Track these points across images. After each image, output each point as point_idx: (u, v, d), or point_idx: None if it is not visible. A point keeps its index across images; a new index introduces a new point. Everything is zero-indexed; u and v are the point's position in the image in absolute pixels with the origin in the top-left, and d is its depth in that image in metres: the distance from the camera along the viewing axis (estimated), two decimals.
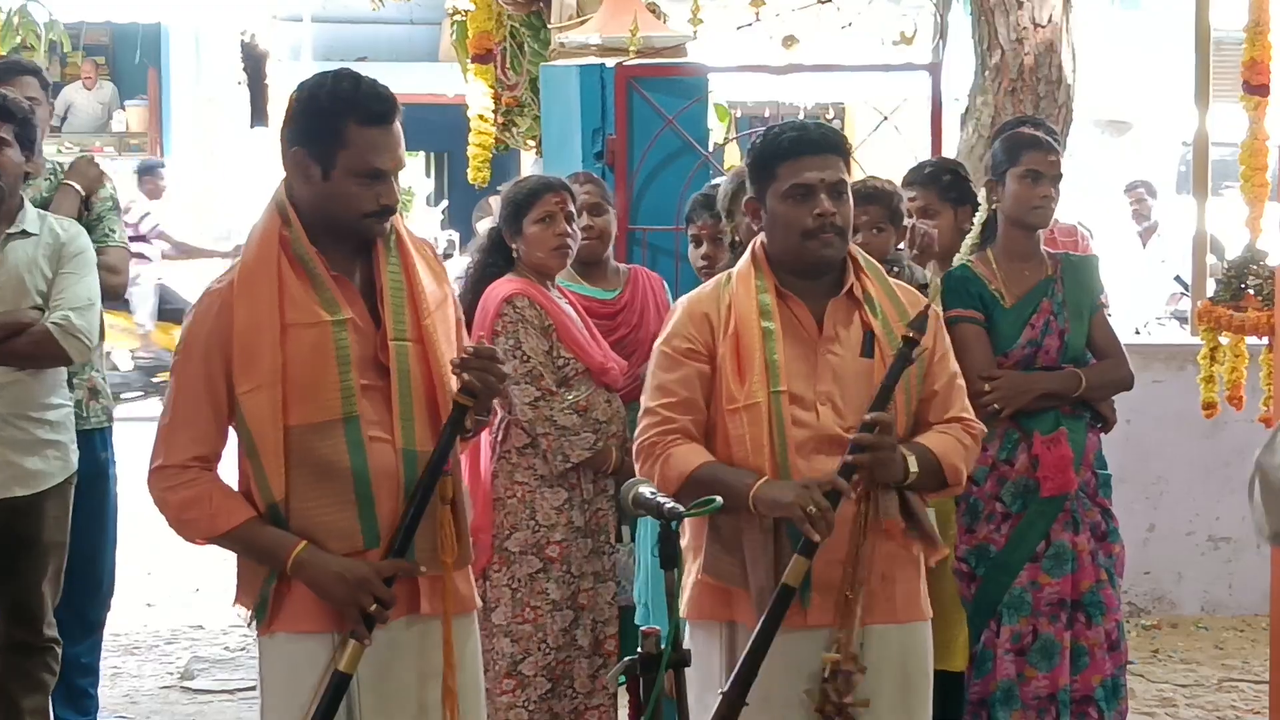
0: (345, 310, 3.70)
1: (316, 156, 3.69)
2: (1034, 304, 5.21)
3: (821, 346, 4.01)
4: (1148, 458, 8.05)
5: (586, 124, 7.19)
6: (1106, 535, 5.29)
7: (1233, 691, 7.13)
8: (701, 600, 4.04)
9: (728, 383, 3.98)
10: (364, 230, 3.74)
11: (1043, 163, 5.21)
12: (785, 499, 3.83)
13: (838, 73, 8.05)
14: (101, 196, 5.94)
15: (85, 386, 5.82)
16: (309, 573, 3.65)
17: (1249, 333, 6.67)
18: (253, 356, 3.65)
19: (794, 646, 3.90)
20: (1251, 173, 7.18)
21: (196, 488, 3.70)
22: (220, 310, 3.70)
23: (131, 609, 7.52)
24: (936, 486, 4.04)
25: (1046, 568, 5.18)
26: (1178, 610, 8.20)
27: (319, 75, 3.78)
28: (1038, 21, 7.99)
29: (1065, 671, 5.16)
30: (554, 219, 5.45)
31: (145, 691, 7.05)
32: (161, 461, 3.72)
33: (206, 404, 3.69)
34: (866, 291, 4.06)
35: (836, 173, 4.00)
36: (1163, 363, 8.11)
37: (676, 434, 3.99)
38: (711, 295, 4.11)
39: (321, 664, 3.69)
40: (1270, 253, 6.65)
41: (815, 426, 3.95)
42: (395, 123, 3.73)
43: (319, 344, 3.67)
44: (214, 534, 3.70)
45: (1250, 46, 7.15)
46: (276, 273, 3.69)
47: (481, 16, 8.47)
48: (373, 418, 3.70)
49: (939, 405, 4.07)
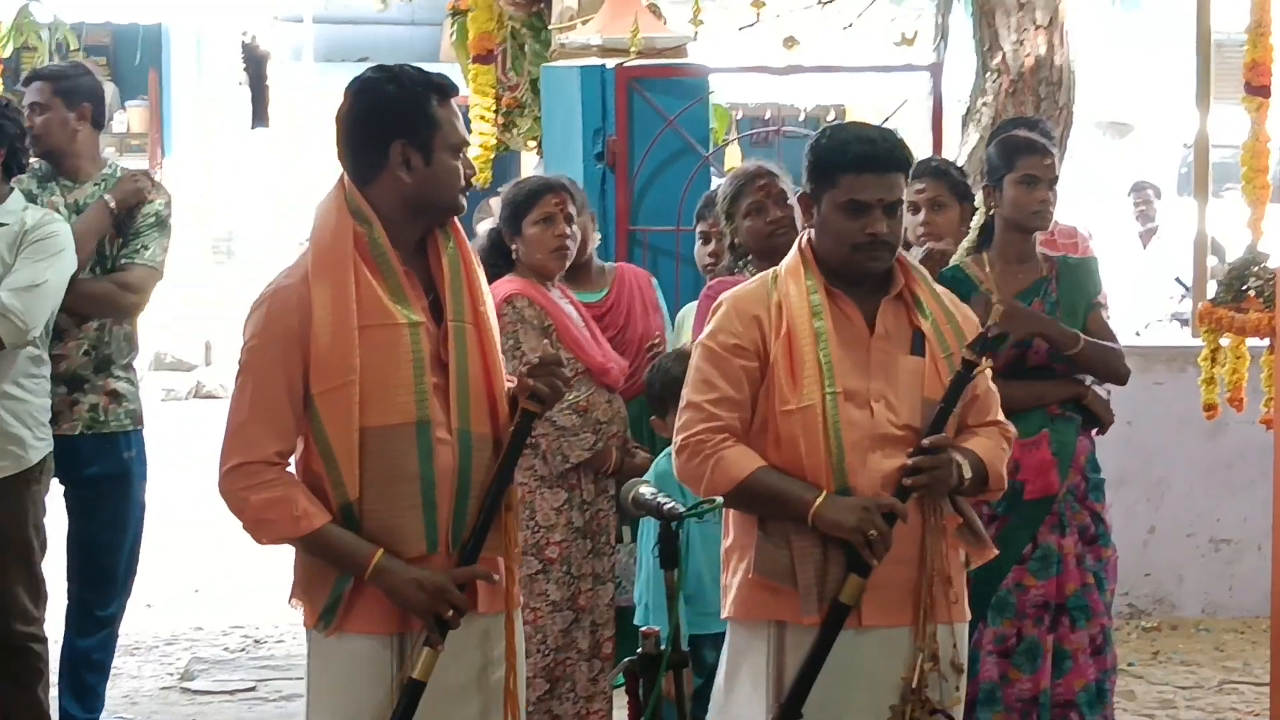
0: (418, 312, 3.71)
1: (417, 144, 3.72)
2: (1026, 304, 5.21)
3: (873, 344, 4.00)
4: (1149, 459, 8.05)
5: (587, 125, 7.19)
6: (1096, 539, 5.28)
7: (1233, 694, 7.13)
8: (750, 599, 4.00)
9: (781, 384, 3.95)
10: (457, 207, 3.80)
11: (1039, 167, 5.21)
12: (847, 522, 3.84)
13: (838, 74, 8.05)
14: (145, 212, 5.86)
15: (104, 390, 5.82)
16: (388, 580, 3.66)
17: (1250, 334, 6.66)
18: (331, 355, 3.65)
19: (847, 647, 3.90)
20: (1253, 174, 7.16)
21: (279, 489, 3.68)
22: (297, 306, 3.69)
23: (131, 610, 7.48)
24: (981, 490, 4.07)
25: (1032, 570, 5.18)
26: (1178, 612, 8.19)
27: (369, 76, 3.81)
28: (1038, 23, 7.99)
29: (1047, 674, 5.16)
30: (553, 220, 5.45)
31: (145, 692, 7.04)
32: (240, 459, 3.70)
33: (285, 400, 3.68)
34: (915, 294, 4.06)
35: (896, 192, 3.98)
36: (1163, 364, 8.11)
37: (725, 433, 3.96)
38: (759, 294, 4.07)
39: (377, 667, 3.71)
40: (1271, 254, 6.64)
41: (869, 425, 3.94)
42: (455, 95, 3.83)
43: (395, 346, 3.68)
44: (294, 536, 3.68)
45: (1252, 48, 7.13)
46: (352, 272, 3.68)
47: (482, 17, 8.47)
48: (439, 418, 3.71)
49: (979, 409, 4.10)
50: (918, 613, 3.94)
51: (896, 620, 3.95)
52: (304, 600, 3.78)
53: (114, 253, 5.83)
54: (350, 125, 3.79)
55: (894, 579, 3.93)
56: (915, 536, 3.95)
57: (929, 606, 3.94)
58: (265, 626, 8.04)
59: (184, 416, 14.95)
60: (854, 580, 3.86)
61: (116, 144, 18.64)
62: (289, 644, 7.73)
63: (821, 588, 3.89)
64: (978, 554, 4.09)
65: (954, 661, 3.98)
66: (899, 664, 3.94)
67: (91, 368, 5.80)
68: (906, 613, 3.95)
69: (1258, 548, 7.73)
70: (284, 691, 7.00)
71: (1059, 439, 5.20)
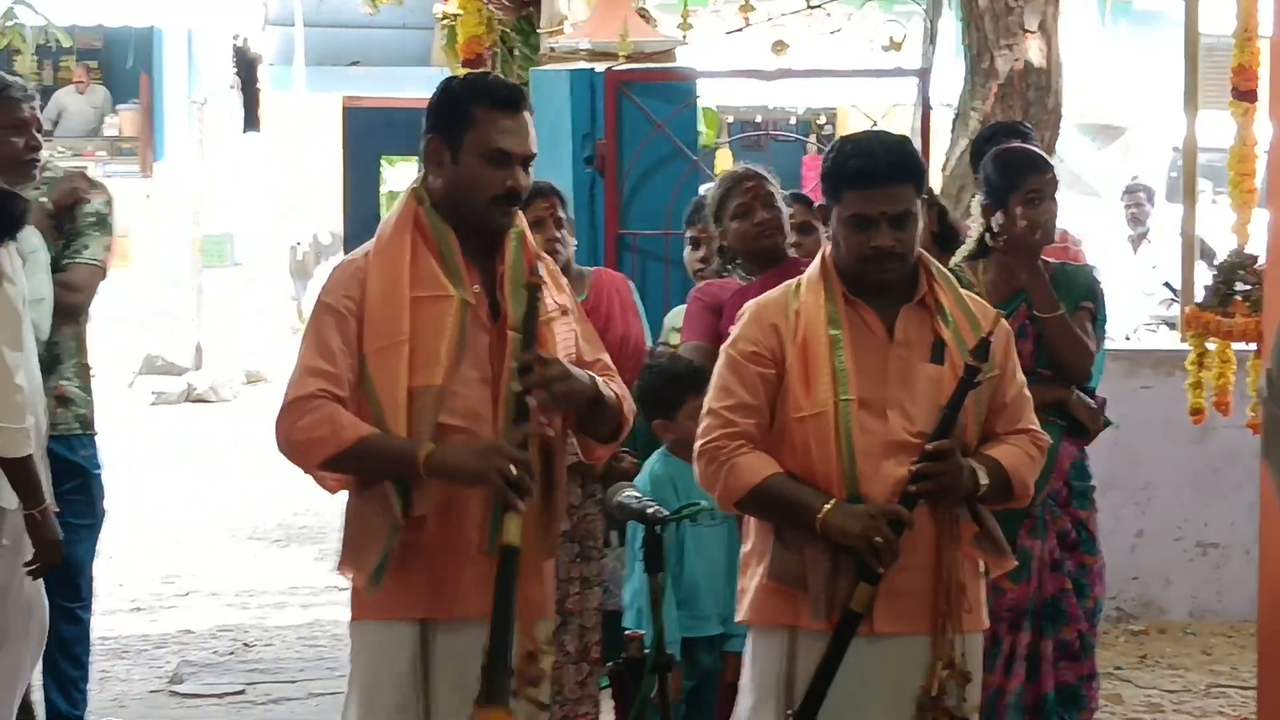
0: (470, 294, 3.84)
1: (447, 141, 3.88)
2: (1010, 309, 5.20)
3: (892, 352, 4.00)
4: (1136, 463, 8.06)
5: (576, 129, 7.19)
6: (1077, 545, 5.28)
7: (1220, 697, 7.14)
8: (765, 604, 4.03)
9: (795, 391, 3.97)
10: (490, 217, 3.88)
11: (1042, 182, 5.20)
12: (853, 530, 3.86)
13: (827, 78, 8.06)
14: (85, 212, 5.90)
15: (53, 394, 5.83)
16: (442, 461, 3.74)
17: (1237, 338, 6.68)
18: (382, 318, 3.81)
19: (861, 655, 3.91)
20: (1240, 178, 7.18)
21: (324, 411, 3.78)
22: (354, 275, 3.87)
23: (120, 613, 7.52)
24: (1004, 499, 4.07)
25: (1008, 573, 5.18)
26: (1166, 616, 8.20)
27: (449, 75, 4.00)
28: (1027, 27, 8.01)
29: (1020, 677, 5.17)
30: (543, 225, 5.44)
31: (134, 696, 7.04)
32: (290, 397, 3.82)
33: (338, 351, 3.81)
34: (938, 300, 4.06)
35: (901, 204, 3.97)
36: (1151, 368, 8.12)
37: (741, 439, 3.98)
38: (780, 302, 4.09)
39: (404, 650, 3.82)
40: (1258, 258, 6.66)
41: (883, 432, 3.95)
42: (524, 112, 3.90)
43: (444, 316, 3.81)
44: (342, 447, 3.75)
45: (1239, 52, 7.15)
46: (409, 246, 3.85)
47: (471, 21, 8.46)
48: (460, 408, 3.81)
49: (1009, 417, 4.09)
50: (934, 621, 3.95)
51: (912, 628, 3.96)
52: (354, 565, 3.85)
53: (56, 253, 5.86)
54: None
55: (908, 587, 3.93)
56: (930, 544, 3.95)
57: (945, 615, 3.94)
58: (254, 630, 8.04)
59: (174, 420, 14.96)
60: (863, 588, 3.86)
61: (108, 148, 18.67)
62: (278, 647, 7.74)
63: (832, 594, 3.90)
64: (996, 564, 4.10)
65: (962, 670, 3.97)
66: (915, 672, 3.95)
67: (41, 369, 5.82)
68: (922, 621, 3.96)
69: (1245, 552, 7.75)
70: (273, 695, 7.00)
71: None
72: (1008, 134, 6.09)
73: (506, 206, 3.89)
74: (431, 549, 3.82)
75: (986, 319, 4.07)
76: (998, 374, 4.03)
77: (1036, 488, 5.14)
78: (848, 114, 15.44)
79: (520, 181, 3.88)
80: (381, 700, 3.85)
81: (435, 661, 3.83)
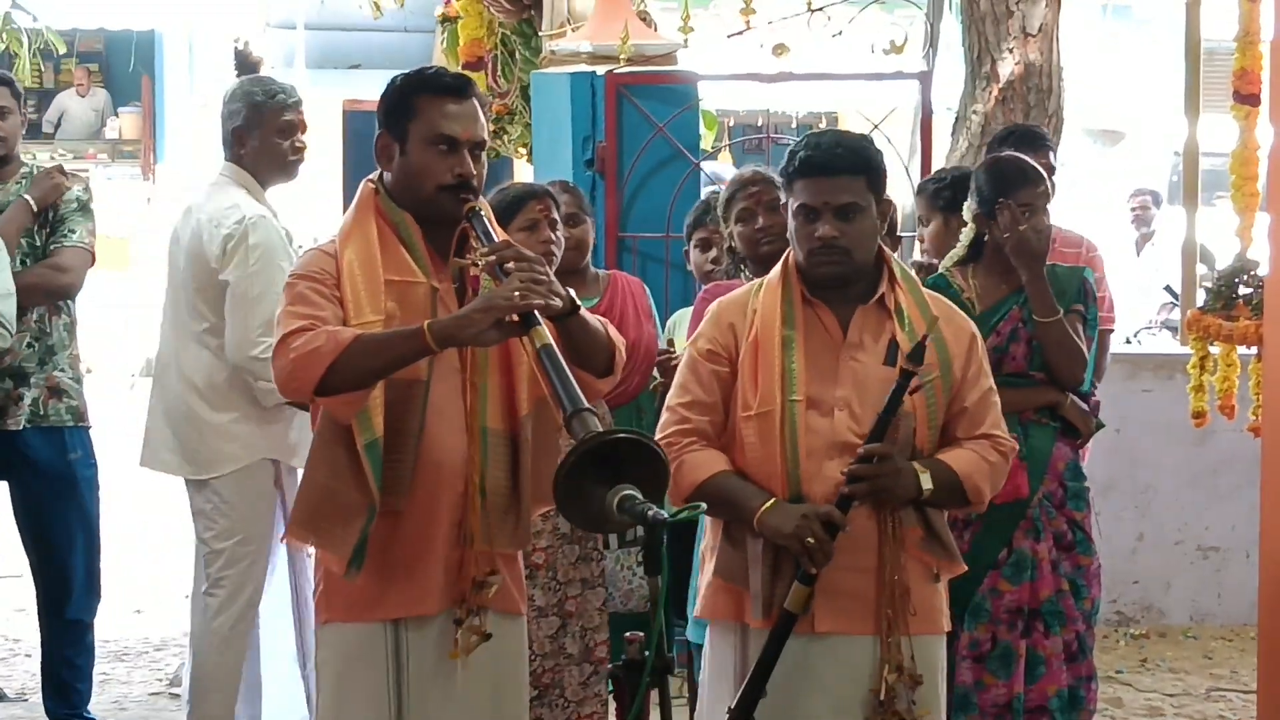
0: (437, 281, 3.80)
1: (395, 134, 3.83)
2: (1003, 312, 5.21)
3: (844, 352, 4.02)
4: (1137, 466, 8.06)
5: (577, 131, 7.20)
6: (1074, 546, 5.27)
7: (1220, 701, 7.13)
8: (715, 600, 4.09)
9: (744, 390, 4.01)
10: (442, 205, 3.81)
11: (1032, 195, 5.19)
12: (786, 529, 3.88)
13: (828, 81, 8.05)
14: (66, 200, 5.99)
15: (44, 385, 5.86)
16: (444, 327, 3.63)
17: (1239, 342, 6.68)
18: (362, 296, 3.73)
19: (801, 653, 3.94)
20: (1242, 182, 7.18)
21: (314, 330, 3.67)
22: (323, 257, 3.81)
23: (120, 616, 7.51)
24: (957, 503, 4.07)
25: (1006, 575, 5.18)
26: (1166, 619, 8.21)
27: None
28: (1028, 30, 8.01)
29: (1021, 680, 5.17)
30: (538, 226, 5.43)
31: (134, 698, 7.04)
32: (279, 336, 3.71)
33: (322, 301, 3.72)
34: (898, 303, 4.06)
35: (846, 195, 3.98)
36: (1152, 372, 8.13)
37: (693, 436, 4.02)
38: (740, 301, 4.14)
39: (375, 653, 3.80)
40: (1260, 262, 6.66)
41: (828, 433, 3.97)
42: (470, 99, 3.85)
43: (417, 303, 3.76)
44: (342, 345, 3.62)
45: (1240, 56, 7.16)
46: (374, 231, 3.80)
47: (473, 24, 8.48)
48: (431, 398, 3.76)
49: (969, 422, 4.09)
50: (878, 622, 3.96)
51: (854, 629, 3.98)
52: (327, 547, 3.78)
53: (44, 244, 5.95)
54: None
55: (850, 588, 3.95)
56: (872, 546, 3.97)
57: (890, 617, 3.95)
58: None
59: None
60: (799, 588, 3.90)
61: (109, 150, 18.67)
62: None
63: (771, 593, 3.94)
64: (946, 567, 4.10)
65: (911, 674, 3.98)
66: (862, 673, 3.98)
67: (35, 359, 5.89)
68: (865, 622, 3.98)
69: (1245, 555, 7.76)
70: None
71: (1031, 444, 5.20)
72: (1023, 138, 6.09)
73: (457, 193, 3.81)
74: (404, 544, 3.80)
75: (954, 329, 4.08)
76: (936, 376, 4.02)
77: (1031, 489, 5.19)
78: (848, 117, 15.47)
79: (468, 167, 3.80)
80: (354, 701, 3.83)
81: (406, 658, 3.82)
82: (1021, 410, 5.18)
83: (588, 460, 3.39)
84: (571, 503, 3.44)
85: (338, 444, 3.75)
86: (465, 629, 3.82)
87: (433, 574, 3.83)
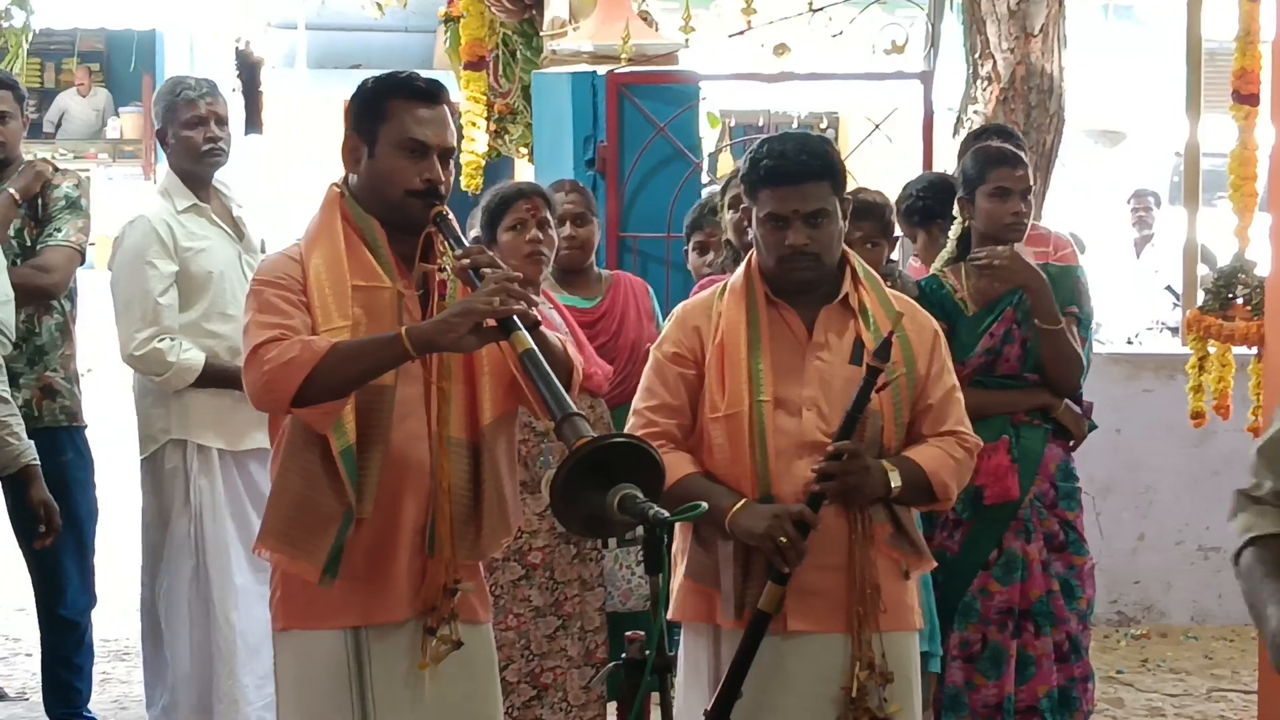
0: (402, 286, 3.75)
1: (365, 137, 3.80)
2: (996, 313, 5.22)
3: (810, 352, 4.04)
4: (1137, 467, 8.07)
5: (578, 131, 7.20)
6: (1066, 546, 5.28)
7: (1221, 701, 7.14)
8: (686, 602, 4.12)
9: (711, 392, 4.03)
10: (409, 211, 3.76)
11: (1010, 178, 5.21)
12: (757, 529, 3.90)
13: (829, 81, 8.05)
14: (55, 197, 5.99)
15: (36, 386, 5.85)
16: (423, 337, 3.60)
17: (1238, 342, 6.69)
18: (330, 302, 3.69)
19: (775, 653, 3.96)
20: (1241, 182, 7.19)
21: (287, 340, 3.63)
22: (288, 262, 3.76)
23: (121, 615, 7.50)
24: (924, 500, 4.08)
25: (996, 575, 5.20)
26: (1167, 619, 8.21)
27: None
28: (1029, 31, 8.01)
29: (1011, 680, 5.18)
30: (525, 226, 5.43)
31: (134, 698, 7.02)
32: (249, 348, 3.66)
33: (289, 309, 3.68)
34: (862, 302, 4.08)
35: (814, 201, 3.99)
36: (1152, 372, 8.13)
37: (661, 439, 4.01)
38: (705, 304, 4.16)
39: (336, 660, 3.76)
40: (1259, 263, 6.66)
41: (797, 433, 3.98)
42: (441, 105, 3.81)
43: (384, 308, 3.72)
44: (319, 355, 3.57)
45: (1240, 56, 7.16)
46: (340, 235, 3.75)
47: (474, 24, 8.48)
48: (406, 406, 3.73)
49: (934, 419, 4.10)
50: (848, 620, 3.97)
51: (825, 627, 4.00)
52: (300, 556, 3.71)
53: (31, 241, 5.96)
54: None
55: (821, 586, 3.97)
56: (842, 544, 3.98)
57: (861, 615, 3.96)
58: None
59: None
60: (772, 588, 3.91)
61: (110, 150, 18.67)
62: None
63: (742, 594, 3.95)
64: (915, 564, 4.11)
65: (882, 671, 3.99)
66: (833, 671, 3.99)
67: (24, 360, 5.86)
68: (837, 620, 3.99)
69: None
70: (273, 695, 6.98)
71: (1023, 445, 5.21)
72: (995, 139, 6.10)
73: (424, 200, 3.76)
74: (367, 551, 3.75)
75: (917, 327, 4.10)
76: (903, 373, 4.04)
77: (1023, 490, 5.20)
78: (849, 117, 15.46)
79: (437, 173, 3.76)
80: (317, 709, 3.79)
81: (370, 666, 3.78)
82: (1014, 412, 5.19)
83: (583, 467, 3.38)
84: (569, 509, 3.43)
85: (311, 451, 3.70)
86: (439, 638, 3.79)
87: (396, 581, 3.79)
